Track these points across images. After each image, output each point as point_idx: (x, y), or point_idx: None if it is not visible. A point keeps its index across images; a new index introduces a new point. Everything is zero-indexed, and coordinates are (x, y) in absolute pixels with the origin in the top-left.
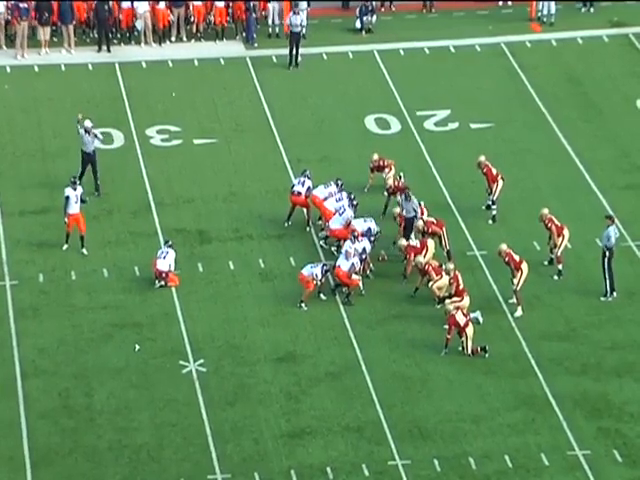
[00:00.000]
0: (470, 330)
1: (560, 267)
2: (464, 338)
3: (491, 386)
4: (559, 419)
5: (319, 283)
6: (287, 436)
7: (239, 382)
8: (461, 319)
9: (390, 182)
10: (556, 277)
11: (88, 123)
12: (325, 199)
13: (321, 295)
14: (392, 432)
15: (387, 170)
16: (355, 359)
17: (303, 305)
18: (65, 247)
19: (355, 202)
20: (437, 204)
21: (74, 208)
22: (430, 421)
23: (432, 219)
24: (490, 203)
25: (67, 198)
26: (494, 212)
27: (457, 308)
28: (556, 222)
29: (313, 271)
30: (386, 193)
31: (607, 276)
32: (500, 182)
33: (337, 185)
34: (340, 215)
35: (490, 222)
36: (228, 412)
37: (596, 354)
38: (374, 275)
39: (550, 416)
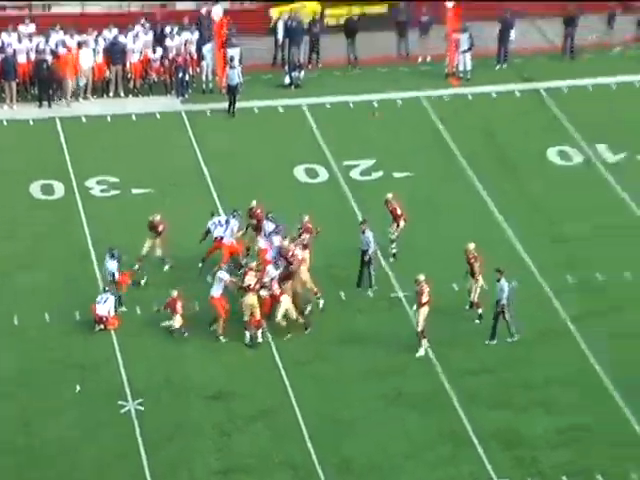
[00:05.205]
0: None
1: (480, 311)
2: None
3: (414, 422)
4: (477, 452)
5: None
6: (221, 473)
7: (176, 419)
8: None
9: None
10: (477, 321)
11: None
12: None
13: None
14: (324, 469)
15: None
16: (287, 398)
17: (221, 338)
18: None
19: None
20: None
21: None
22: (359, 459)
23: None
24: (393, 239)
25: None
26: (394, 250)
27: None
28: (479, 261)
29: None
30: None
31: (496, 325)
32: (401, 222)
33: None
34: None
35: (391, 260)
36: (166, 449)
37: (509, 391)
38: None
39: (469, 449)
